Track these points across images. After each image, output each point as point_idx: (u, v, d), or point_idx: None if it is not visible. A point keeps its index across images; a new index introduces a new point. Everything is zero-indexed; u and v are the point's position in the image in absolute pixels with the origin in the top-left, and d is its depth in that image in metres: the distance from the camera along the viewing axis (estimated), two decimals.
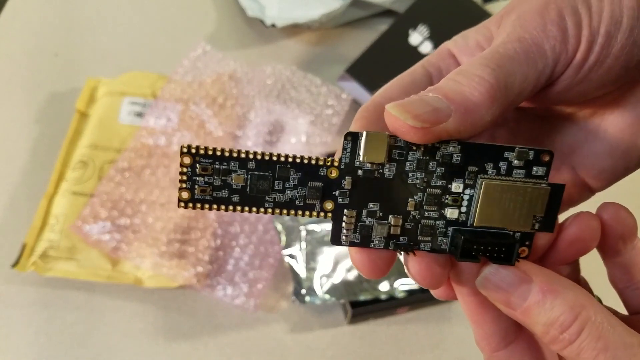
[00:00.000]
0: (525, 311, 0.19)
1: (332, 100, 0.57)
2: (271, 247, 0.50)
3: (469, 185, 0.21)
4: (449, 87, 0.19)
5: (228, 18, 0.64)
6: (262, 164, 0.20)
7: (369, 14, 0.63)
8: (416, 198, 0.21)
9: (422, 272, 0.21)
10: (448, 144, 0.20)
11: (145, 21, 0.64)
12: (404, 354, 0.47)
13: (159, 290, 0.48)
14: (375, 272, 0.22)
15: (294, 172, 0.20)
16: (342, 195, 0.21)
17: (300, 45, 0.62)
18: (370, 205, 0.21)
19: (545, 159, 0.20)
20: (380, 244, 0.21)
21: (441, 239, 0.21)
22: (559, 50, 0.20)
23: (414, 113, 0.19)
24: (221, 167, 0.20)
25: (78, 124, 0.54)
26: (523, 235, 0.21)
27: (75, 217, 0.49)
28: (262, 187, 0.20)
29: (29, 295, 0.48)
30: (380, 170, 0.20)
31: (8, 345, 0.46)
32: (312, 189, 0.20)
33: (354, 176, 0.21)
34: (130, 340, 0.47)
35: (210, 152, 0.20)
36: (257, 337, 0.47)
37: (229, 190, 0.20)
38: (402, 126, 0.19)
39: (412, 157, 0.20)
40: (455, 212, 0.21)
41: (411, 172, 0.21)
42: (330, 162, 0.20)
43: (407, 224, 0.21)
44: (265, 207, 0.20)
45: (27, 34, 0.62)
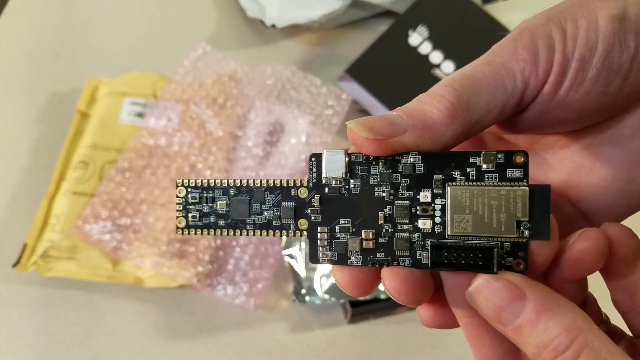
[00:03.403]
0: (516, 329, 0.18)
1: (332, 101, 0.57)
2: (271, 247, 0.50)
3: (438, 195, 0.20)
4: (411, 106, 0.20)
5: (228, 18, 0.64)
6: (241, 190, 0.22)
7: (369, 15, 0.64)
8: (386, 211, 0.21)
9: (396, 286, 0.20)
10: (408, 155, 0.21)
11: (146, 21, 0.64)
12: (404, 354, 0.47)
13: (159, 290, 0.48)
14: (358, 288, 0.21)
15: (268, 195, 0.22)
16: (314, 213, 0.22)
17: (300, 46, 0.62)
18: (341, 221, 0.21)
19: (520, 160, 0.19)
20: (357, 260, 0.21)
21: (420, 252, 0.21)
22: (528, 73, 0.20)
23: (369, 126, 0.20)
24: (207, 195, 0.23)
25: (79, 124, 0.54)
26: (514, 245, 0.20)
27: (76, 217, 0.49)
28: (241, 210, 0.22)
29: (30, 295, 0.48)
30: (346, 186, 0.21)
31: (8, 345, 0.46)
32: (285, 209, 0.22)
33: (322, 194, 0.22)
34: (131, 339, 0.47)
35: (199, 183, 0.23)
36: (257, 336, 0.47)
37: (215, 215, 0.22)
38: (357, 139, 0.20)
39: (374, 171, 0.21)
40: (427, 222, 0.20)
41: (376, 185, 0.21)
42: (300, 183, 0.22)
43: (381, 238, 0.21)
44: (247, 229, 0.22)
45: (28, 35, 0.62)
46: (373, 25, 0.63)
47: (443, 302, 0.22)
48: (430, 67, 0.56)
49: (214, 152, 0.52)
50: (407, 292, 0.20)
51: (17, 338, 0.46)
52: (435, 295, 0.22)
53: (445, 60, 0.57)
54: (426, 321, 0.23)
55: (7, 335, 0.46)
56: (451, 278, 0.21)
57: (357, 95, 0.56)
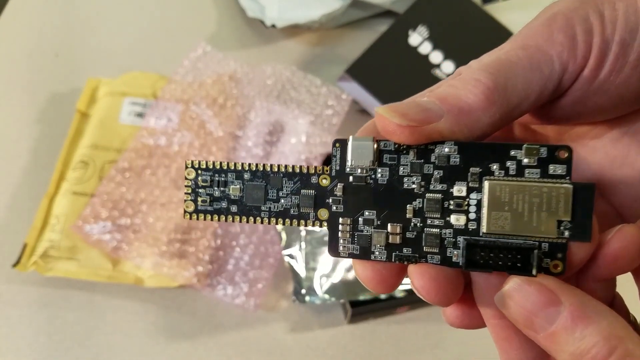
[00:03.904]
0: (550, 336, 0.17)
1: (332, 101, 0.57)
2: (271, 247, 0.50)
3: (474, 189, 0.19)
4: (443, 91, 0.19)
5: (228, 18, 0.64)
6: (256, 175, 0.21)
7: (369, 15, 0.64)
8: (415, 204, 0.20)
9: (426, 285, 0.19)
10: (443, 145, 0.19)
11: (146, 21, 0.64)
12: (404, 354, 0.47)
13: (159, 290, 0.48)
14: (382, 284, 0.20)
15: (286, 181, 0.21)
16: (336, 203, 0.20)
17: (301, 46, 0.62)
18: (366, 213, 0.20)
19: (564, 156, 0.18)
20: (381, 255, 0.20)
21: (451, 250, 0.19)
22: (566, 57, 0.19)
23: (402, 112, 0.18)
24: (219, 179, 0.21)
25: (79, 124, 0.54)
26: (553, 246, 0.18)
27: (76, 217, 0.49)
28: (256, 197, 0.21)
29: (30, 295, 0.48)
30: (372, 175, 0.20)
31: (8, 345, 0.46)
32: (304, 197, 0.21)
33: (345, 183, 0.20)
34: (131, 339, 0.47)
35: (210, 165, 0.21)
36: (257, 336, 0.47)
37: (227, 200, 0.21)
38: (388, 125, 0.19)
39: (405, 161, 0.20)
40: (461, 218, 0.19)
41: (406, 176, 0.20)
42: (321, 170, 0.21)
43: (409, 232, 0.20)
44: (261, 217, 0.21)
45: (28, 35, 0.62)
46: (373, 25, 0.63)
47: (470, 301, 0.21)
48: (430, 67, 0.56)
49: (214, 152, 0.52)
50: (437, 291, 0.19)
51: (17, 338, 0.46)
52: (463, 293, 0.21)
53: (445, 60, 0.57)
54: (452, 320, 0.22)
55: (7, 335, 0.46)
56: (483, 278, 0.20)
57: (357, 95, 0.56)
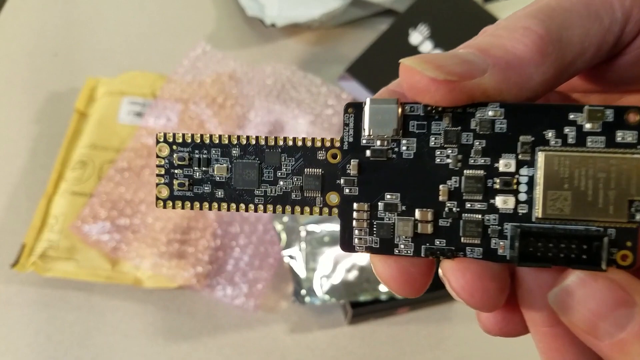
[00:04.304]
0: (618, 345, 0.14)
1: (332, 100, 0.56)
2: (271, 247, 0.50)
3: (524, 163, 0.15)
4: (485, 41, 0.15)
5: (228, 17, 0.64)
6: (248, 150, 0.17)
7: (369, 14, 0.63)
8: (450, 184, 0.16)
9: (468, 286, 0.15)
10: (486, 107, 0.15)
11: (145, 21, 0.63)
12: (405, 355, 0.47)
13: (158, 291, 0.48)
14: (409, 285, 0.16)
15: (285, 158, 0.17)
16: (349, 185, 0.16)
17: (300, 45, 0.62)
18: (387, 196, 0.16)
19: (634, 120, 0.15)
20: (408, 249, 0.16)
21: (497, 241, 0.16)
22: (630, 3, 0.15)
23: (437, 64, 0.15)
24: (201, 156, 0.17)
25: (77, 124, 0.54)
26: (620, 232, 0.15)
27: (74, 217, 0.49)
28: (248, 178, 0.17)
29: (29, 296, 0.48)
30: (395, 148, 0.16)
31: (7, 346, 0.46)
32: (309, 177, 0.16)
33: (361, 158, 0.16)
34: (130, 340, 0.46)
35: (189, 138, 0.17)
36: (257, 337, 0.47)
37: (211, 184, 0.17)
38: (420, 80, 0.15)
39: (437, 129, 0.16)
40: (510, 200, 0.15)
41: (438, 148, 0.16)
42: (330, 143, 0.16)
43: (442, 220, 0.16)
44: (255, 203, 0.17)
45: (27, 34, 0.61)
46: (373, 24, 0.63)
47: (512, 303, 0.18)
48: None
49: None
50: (482, 293, 0.15)
51: (16, 339, 0.46)
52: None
53: None
54: (489, 327, 0.18)
55: (5, 336, 0.46)
56: (533, 275, 0.16)
57: (358, 95, 0.56)
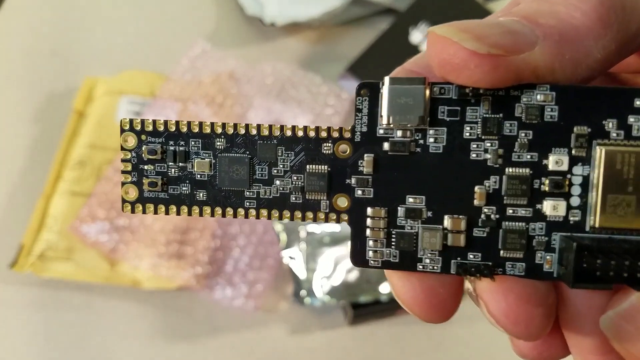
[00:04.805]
0: None
1: (332, 100, 0.56)
2: (271, 247, 0.50)
3: (579, 159, 0.13)
4: (532, 7, 0.13)
5: (227, 17, 0.63)
6: (236, 142, 0.14)
7: (370, 13, 0.63)
8: (489, 185, 0.13)
9: (512, 312, 0.13)
10: (533, 90, 0.13)
11: (144, 20, 0.63)
12: (405, 356, 0.47)
13: (157, 292, 0.48)
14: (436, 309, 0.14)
15: (283, 151, 0.14)
16: (362, 185, 0.14)
17: (300, 44, 0.62)
18: (409, 200, 0.14)
19: None
20: (434, 265, 0.14)
21: (542, 254, 0.13)
22: None
23: (477, 34, 0.12)
24: (177, 149, 0.14)
25: (76, 124, 0.54)
26: None
27: (73, 218, 0.48)
28: (237, 176, 0.13)
29: (27, 296, 0.47)
30: (420, 140, 0.13)
31: (6, 347, 0.46)
32: (312, 176, 0.13)
33: (377, 152, 0.14)
34: (129, 341, 0.46)
35: (161, 126, 0.13)
36: (257, 338, 0.47)
37: (191, 183, 0.14)
38: (456, 54, 0.12)
39: (473, 116, 0.13)
40: (560, 205, 0.13)
41: (474, 140, 0.13)
42: (338, 133, 0.14)
43: (478, 229, 0.14)
44: (245, 208, 0.14)
45: (25, 33, 0.61)
46: (374, 23, 0.63)
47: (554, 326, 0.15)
48: None
49: None
50: (528, 321, 0.13)
51: (14, 339, 0.46)
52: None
53: None
54: (526, 352, 0.15)
55: (3, 336, 0.46)
56: (583, 295, 0.14)
57: None
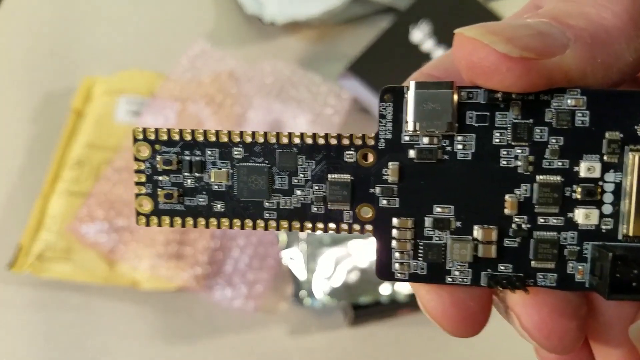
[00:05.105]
0: None
1: (332, 99, 0.56)
2: (270, 248, 0.49)
3: (610, 166, 0.13)
4: (560, 8, 0.12)
5: (227, 16, 0.63)
6: (254, 151, 0.13)
7: (370, 11, 0.63)
8: (519, 193, 0.13)
9: (545, 326, 0.12)
10: (563, 95, 0.12)
11: (143, 19, 0.63)
12: (406, 357, 0.46)
13: (156, 292, 0.48)
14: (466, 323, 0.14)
15: (304, 160, 0.13)
16: (387, 194, 0.13)
17: (300, 43, 0.61)
18: (437, 209, 0.13)
19: None
20: (464, 277, 0.13)
21: (574, 264, 0.13)
22: None
23: (507, 36, 0.11)
24: (193, 159, 0.13)
25: (74, 123, 0.54)
26: None
27: (71, 218, 0.48)
28: (256, 187, 0.13)
29: (25, 297, 0.47)
30: (448, 147, 0.13)
31: (4, 347, 0.45)
32: (335, 185, 0.13)
33: (402, 160, 0.13)
34: (128, 342, 0.46)
35: (176, 135, 0.13)
36: (256, 339, 0.47)
37: (208, 194, 0.14)
38: (487, 57, 0.11)
39: (502, 122, 0.13)
40: (593, 214, 0.13)
41: (504, 147, 0.13)
42: (361, 140, 0.13)
43: (508, 239, 0.13)
44: (265, 219, 0.14)
45: (23, 33, 0.61)
46: (374, 22, 0.63)
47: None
48: None
49: None
50: (561, 334, 0.12)
51: (13, 340, 0.46)
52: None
53: None
54: None
55: (2, 337, 0.46)
56: (614, 306, 0.14)
57: (359, 94, 0.55)
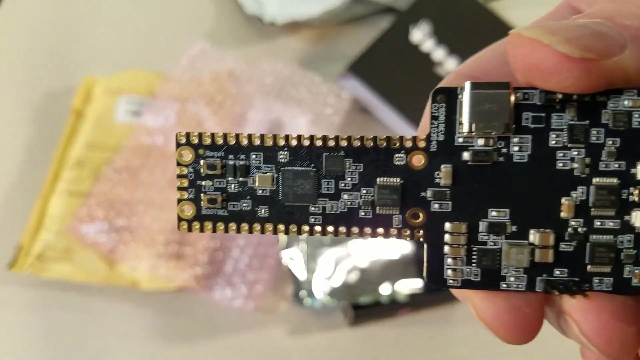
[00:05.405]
0: None
1: (332, 99, 0.56)
2: (270, 248, 0.49)
3: None
4: (610, 8, 0.12)
5: (226, 16, 0.63)
6: (299, 155, 0.13)
7: (370, 11, 0.63)
8: (576, 196, 0.13)
9: (606, 332, 0.12)
10: (620, 95, 0.12)
11: (142, 19, 0.63)
12: (406, 357, 0.46)
13: (156, 292, 0.48)
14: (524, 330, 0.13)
15: (351, 164, 0.13)
16: (439, 198, 0.13)
17: (300, 43, 0.61)
18: (492, 213, 0.13)
19: None
20: (519, 283, 0.13)
21: (630, 268, 0.13)
22: None
23: (566, 36, 0.11)
24: (237, 163, 0.14)
25: (74, 123, 0.54)
26: None
27: (71, 218, 0.48)
28: (301, 191, 0.13)
29: (24, 297, 0.47)
30: (504, 149, 0.13)
31: (4, 348, 0.45)
32: (384, 189, 0.13)
33: (456, 163, 0.13)
34: (127, 342, 0.46)
35: (220, 139, 0.13)
36: (256, 339, 0.47)
37: (252, 199, 0.14)
38: (546, 58, 0.11)
39: (558, 123, 0.13)
40: None
41: (560, 148, 0.13)
42: (411, 142, 0.13)
43: (564, 244, 0.13)
44: (310, 224, 0.13)
45: (23, 32, 0.61)
46: (374, 22, 0.63)
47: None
48: (433, 65, 0.56)
49: None
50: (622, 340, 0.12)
51: (12, 340, 0.46)
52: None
53: (448, 57, 0.56)
54: None
55: (2, 337, 0.46)
56: None
57: (359, 94, 0.55)
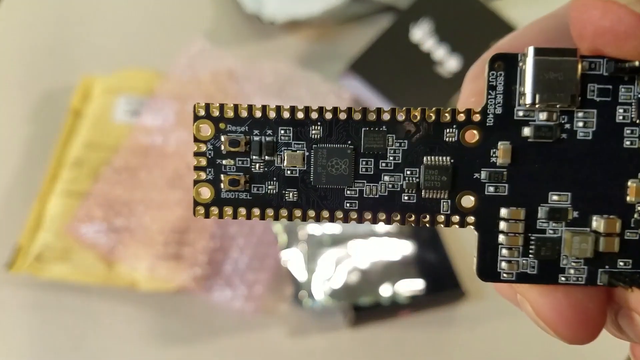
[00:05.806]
0: None
1: (332, 99, 0.56)
2: (270, 248, 0.49)
3: None
4: None
5: (226, 14, 0.63)
6: (334, 129, 0.12)
7: (371, 10, 0.62)
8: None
9: None
10: None
11: (141, 18, 0.63)
12: (406, 358, 0.46)
13: (155, 293, 0.47)
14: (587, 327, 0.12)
15: (393, 140, 0.11)
16: (495, 180, 0.11)
17: (300, 42, 0.61)
18: (553, 197, 0.11)
19: None
20: (579, 275, 0.12)
21: None
22: None
23: None
24: (263, 139, 0.12)
25: (73, 123, 0.53)
26: None
27: (70, 218, 0.48)
28: (337, 172, 0.11)
29: (24, 298, 0.47)
30: (567, 124, 0.11)
31: (3, 348, 0.45)
32: (431, 169, 0.11)
33: (514, 139, 0.11)
34: (126, 343, 0.46)
35: (244, 111, 0.11)
36: (256, 340, 0.46)
37: (279, 180, 0.12)
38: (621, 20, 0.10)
39: (626, 96, 0.11)
40: None
41: (628, 125, 0.11)
42: (465, 115, 0.11)
43: (629, 231, 0.12)
44: (345, 210, 0.12)
45: (21, 31, 0.61)
46: (375, 21, 0.62)
47: None
48: (433, 64, 0.55)
49: None
50: None
51: (11, 341, 0.45)
52: None
53: (449, 57, 0.56)
54: None
55: (1, 338, 0.45)
56: None
57: (360, 93, 0.55)
